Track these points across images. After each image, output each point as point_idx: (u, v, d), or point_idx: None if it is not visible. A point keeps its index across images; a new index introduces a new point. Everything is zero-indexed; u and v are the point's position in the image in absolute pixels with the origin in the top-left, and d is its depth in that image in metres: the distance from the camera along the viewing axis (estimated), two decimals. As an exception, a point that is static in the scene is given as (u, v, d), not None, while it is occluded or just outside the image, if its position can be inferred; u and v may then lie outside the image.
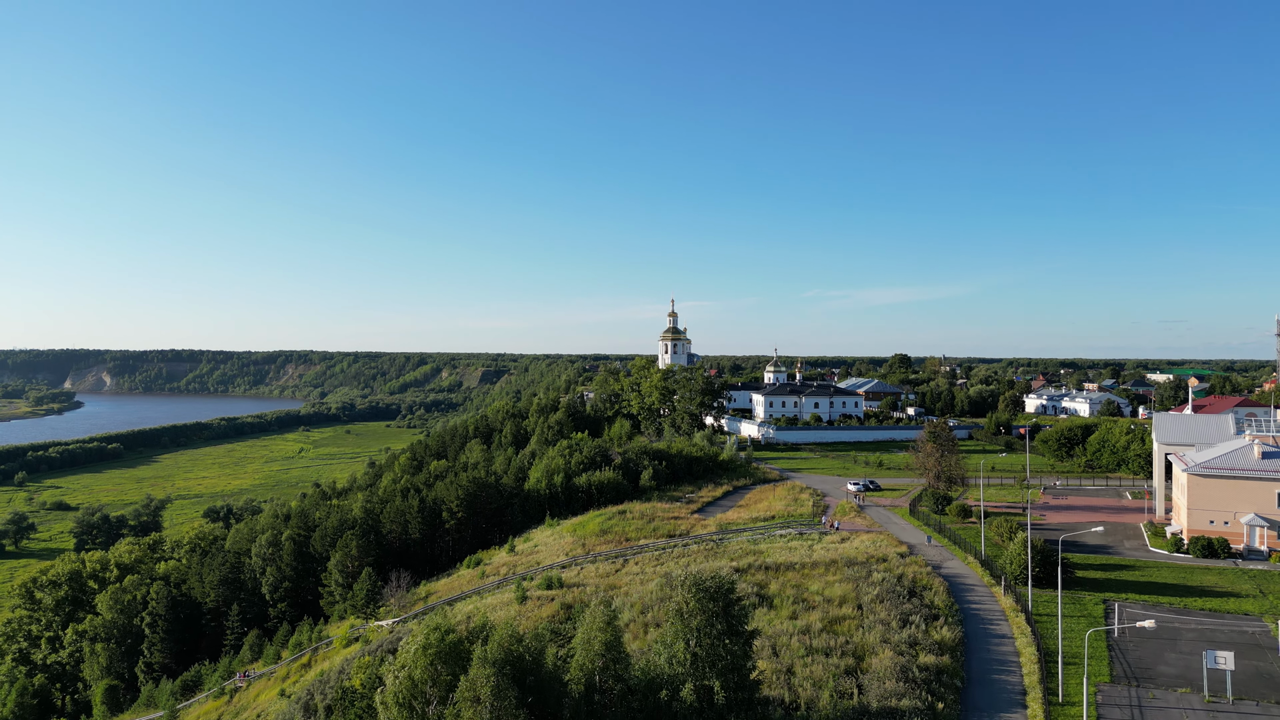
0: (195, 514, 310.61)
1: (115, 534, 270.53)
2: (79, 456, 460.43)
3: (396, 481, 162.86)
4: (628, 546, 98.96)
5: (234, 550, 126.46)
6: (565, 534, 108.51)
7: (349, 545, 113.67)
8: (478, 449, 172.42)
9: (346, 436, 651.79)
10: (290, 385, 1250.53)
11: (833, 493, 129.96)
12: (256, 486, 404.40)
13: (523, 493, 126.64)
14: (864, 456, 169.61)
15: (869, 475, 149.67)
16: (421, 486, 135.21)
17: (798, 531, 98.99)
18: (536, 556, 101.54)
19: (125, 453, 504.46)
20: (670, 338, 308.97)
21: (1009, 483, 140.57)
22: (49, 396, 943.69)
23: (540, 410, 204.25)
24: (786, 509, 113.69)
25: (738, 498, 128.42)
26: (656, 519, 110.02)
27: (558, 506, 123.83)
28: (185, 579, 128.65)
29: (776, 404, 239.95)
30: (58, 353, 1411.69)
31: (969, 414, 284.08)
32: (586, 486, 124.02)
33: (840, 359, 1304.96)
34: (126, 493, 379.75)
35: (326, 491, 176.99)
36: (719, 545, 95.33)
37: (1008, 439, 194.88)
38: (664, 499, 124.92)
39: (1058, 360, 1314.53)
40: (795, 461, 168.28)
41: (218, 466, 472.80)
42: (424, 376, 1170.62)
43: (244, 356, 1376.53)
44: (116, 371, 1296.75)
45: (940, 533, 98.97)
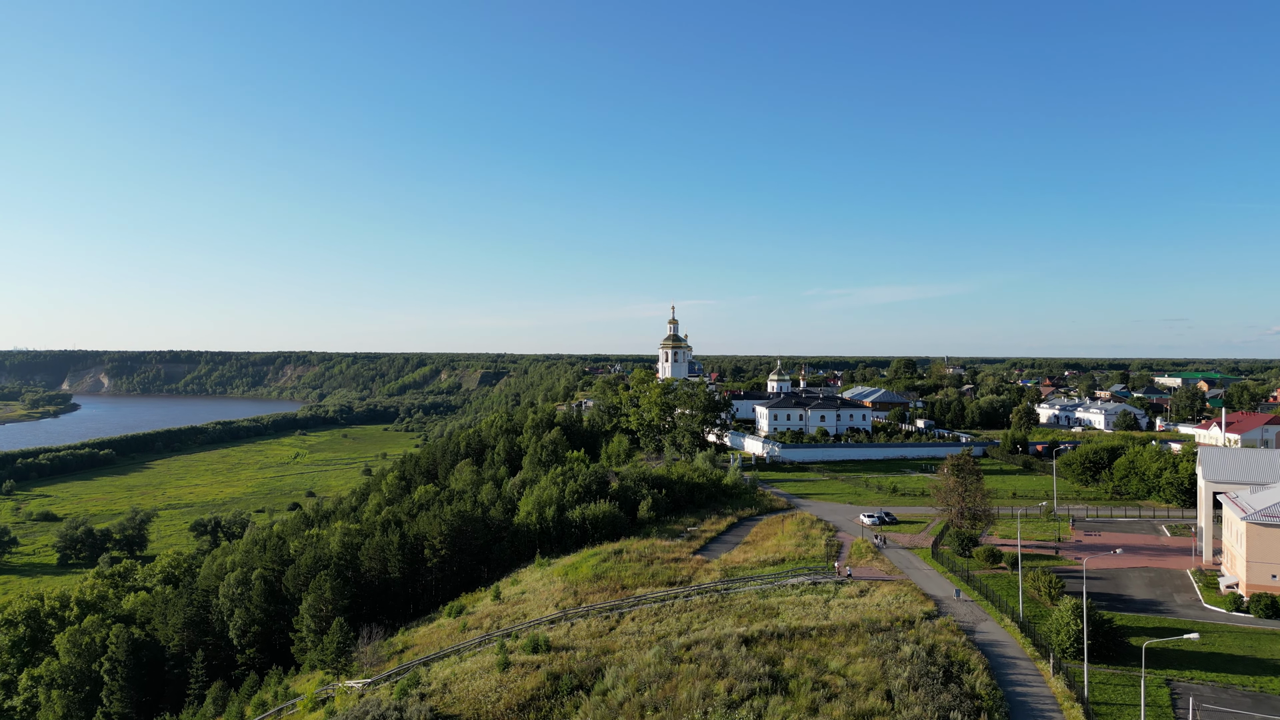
0: (183, 525, 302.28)
1: (100, 548, 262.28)
2: (70, 463, 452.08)
3: (380, 509, 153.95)
4: (624, 597, 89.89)
5: (201, 588, 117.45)
6: (556, 578, 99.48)
7: (322, 587, 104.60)
8: (468, 470, 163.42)
9: (343, 441, 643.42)
10: (289, 387, 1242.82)
11: (845, 526, 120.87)
12: (249, 495, 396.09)
13: (511, 527, 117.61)
14: (875, 480, 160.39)
15: (883, 503, 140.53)
16: (404, 518, 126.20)
17: (811, 580, 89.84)
18: (523, 606, 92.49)
19: (118, 458, 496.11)
20: (671, 345, 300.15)
21: (1033, 512, 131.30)
22: (45, 399, 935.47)
23: (535, 427, 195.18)
24: (797, 548, 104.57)
25: (743, 531, 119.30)
26: (655, 561, 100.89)
27: (549, 543, 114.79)
28: (150, 618, 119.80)
29: (781, 417, 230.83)
30: (56, 354, 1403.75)
31: (979, 425, 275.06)
32: (580, 521, 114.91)
33: (842, 360, 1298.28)
34: (116, 502, 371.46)
35: (309, 515, 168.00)
36: (724, 597, 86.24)
37: (1025, 458, 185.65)
38: (663, 534, 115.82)
39: (1061, 360, 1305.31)
40: (803, 485, 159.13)
41: (210, 473, 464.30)
42: (423, 378, 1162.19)
43: (242, 357, 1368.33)
44: (114, 373, 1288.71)
45: (968, 582, 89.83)
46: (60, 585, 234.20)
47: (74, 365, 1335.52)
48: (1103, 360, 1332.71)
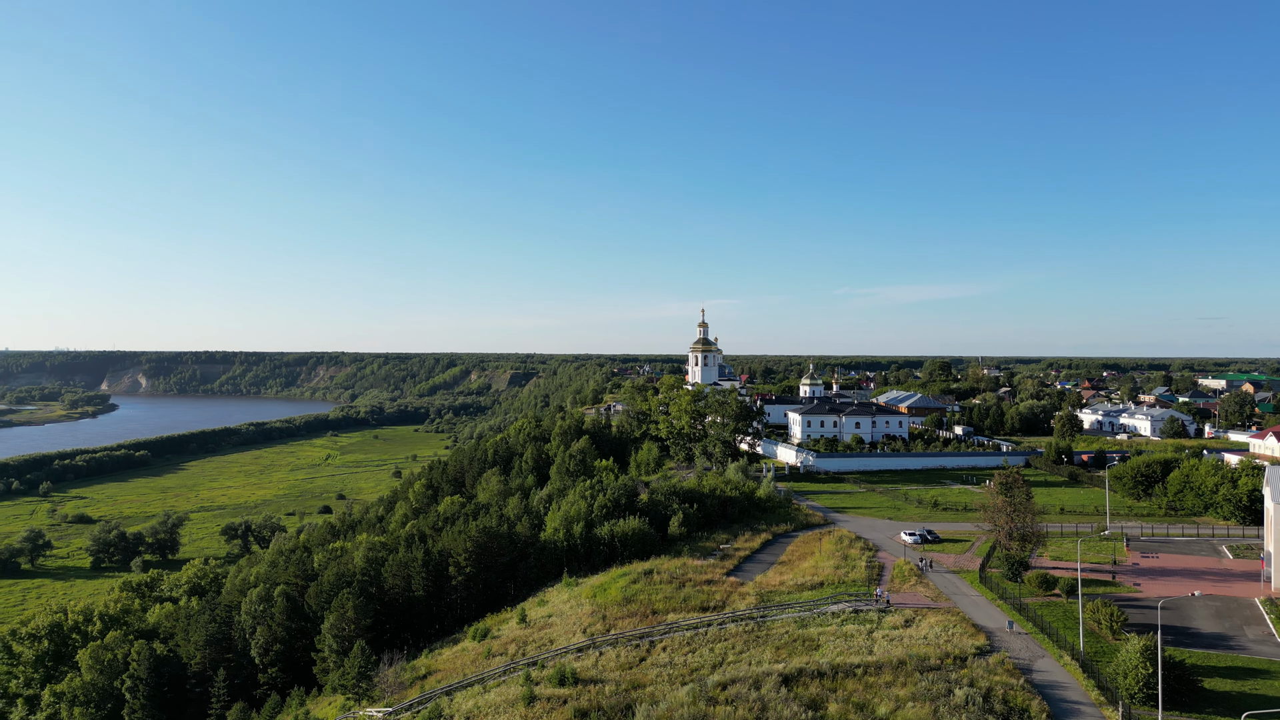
0: (215, 528, 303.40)
1: (132, 551, 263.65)
2: (106, 465, 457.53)
3: (406, 520, 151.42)
4: (654, 623, 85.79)
5: (224, 604, 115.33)
6: (584, 600, 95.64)
7: (345, 606, 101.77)
8: (495, 480, 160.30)
9: (374, 442, 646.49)
10: (321, 387, 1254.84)
11: (886, 545, 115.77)
12: (280, 497, 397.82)
13: (538, 543, 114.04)
14: (915, 493, 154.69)
15: (923, 519, 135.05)
16: (429, 532, 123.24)
17: (852, 608, 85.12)
18: (550, 631, 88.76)
19: (153, 460, 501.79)
20: (701, 349, 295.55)
21: (1084, 530, 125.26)
22: (84, 399, 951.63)
23: (563, 434, 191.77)
24: (836, 570, 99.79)
25: (778, 550, 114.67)
26: (687, 583, 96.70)
27: (577, 560, 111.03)
28: (174, 633, 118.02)
29: (815, 424, 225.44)
30: (95, 354, 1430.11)
31: (1019, 431, 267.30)
32: (609, 538, 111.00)
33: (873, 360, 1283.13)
34: (150, 504, 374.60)
35: (335, 525, 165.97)
36: (760, 626, 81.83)
37: (1071, 468, 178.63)
38: (695, 552, 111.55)
39: (1099, 361, 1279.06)
40: (839, 497, 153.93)
41: (243, 475, 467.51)
42: (453, 379, 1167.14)
43: (276, 358, 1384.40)
44: (152, 373, 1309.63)
45: (1021, 612, 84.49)
46: (92, 589, 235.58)
47: (113, 366, 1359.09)
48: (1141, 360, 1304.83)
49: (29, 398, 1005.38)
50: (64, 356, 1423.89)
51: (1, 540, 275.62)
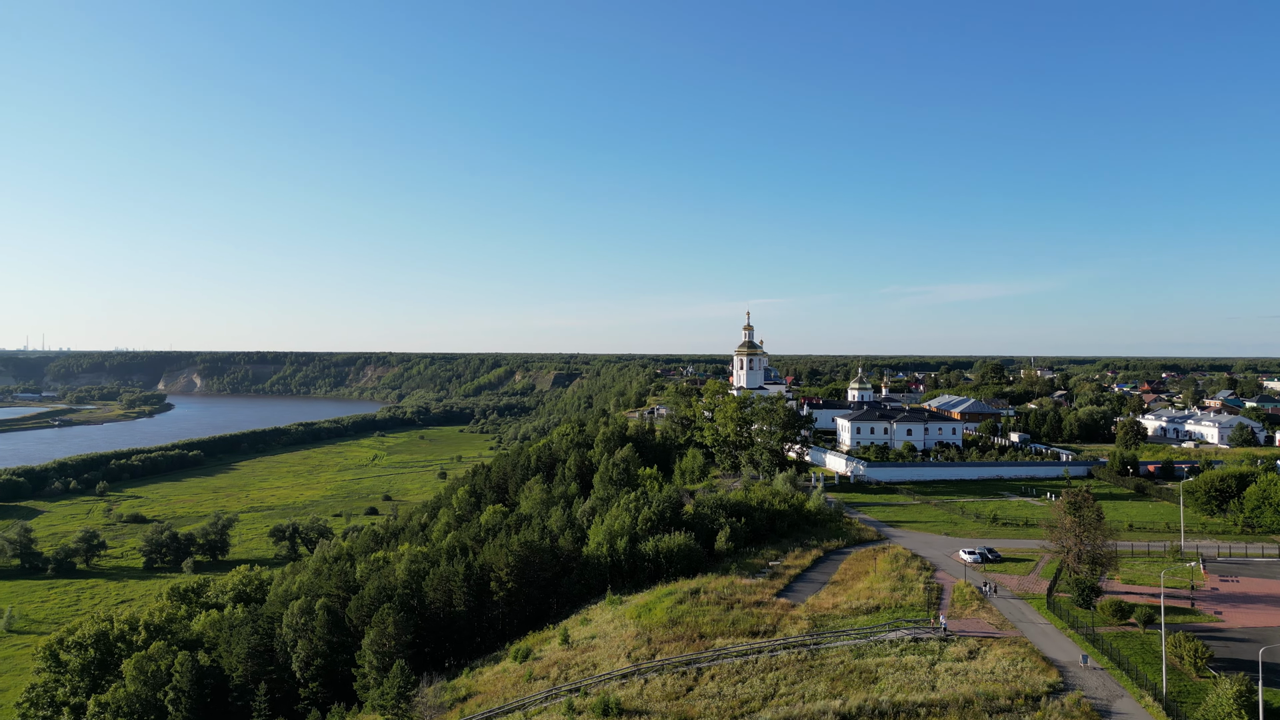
0: (264, 529, 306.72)
1: (184, 552, 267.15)
2: (160, 464, 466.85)
3: (448, 530, 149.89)
4: (702, 648, 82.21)
5: (266, 615, 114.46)
6: (628, 620, 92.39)
7: (385, 621, 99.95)
8: (537, 489, 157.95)
9: (420, 443, 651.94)
10: (369, 387, 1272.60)
11: (944, 563, 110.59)
12: (328, 498, 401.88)
13: (581, 558, 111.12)
14: (972, 506, 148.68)
15: (982, 535, 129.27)
16: (470, 544, 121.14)
17: (911, 636, 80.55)
18: (593, 654, 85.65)
19: (205, 459, 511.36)
20: (746, 352, 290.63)
21: (1156, 549, 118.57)
22: (141, 399, 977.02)
23: (606, 441, 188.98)
24: (892, 593, 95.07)
25: (830, 568, 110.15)
26: (735, 605, 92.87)
27: (620, 577, 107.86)
28: (217, 643, 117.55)
29: (864, 430, 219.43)
30: (152, 355, 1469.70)
31: (1078, 438, 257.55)
32: (654, 554, 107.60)
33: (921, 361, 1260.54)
34: (202, 504, 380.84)
35: (379, 533, 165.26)
36: (814, 655, 77.74)
37: (1137, 480, 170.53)
38: (743, 570, 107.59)
39: (1157, 361, 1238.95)
40: (891, 510, 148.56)
41: (292, 475, 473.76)
42: (497, 379, 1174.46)
43: (325, 358, 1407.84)
44: (206, 373, 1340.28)
45: (1094, 644, 79.11)
46: (144, 589, 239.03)
47: (169, 366, 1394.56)
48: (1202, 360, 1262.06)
49: (89, 397, 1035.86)
50: (123, 357, 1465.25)
51: (58, 540, 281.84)
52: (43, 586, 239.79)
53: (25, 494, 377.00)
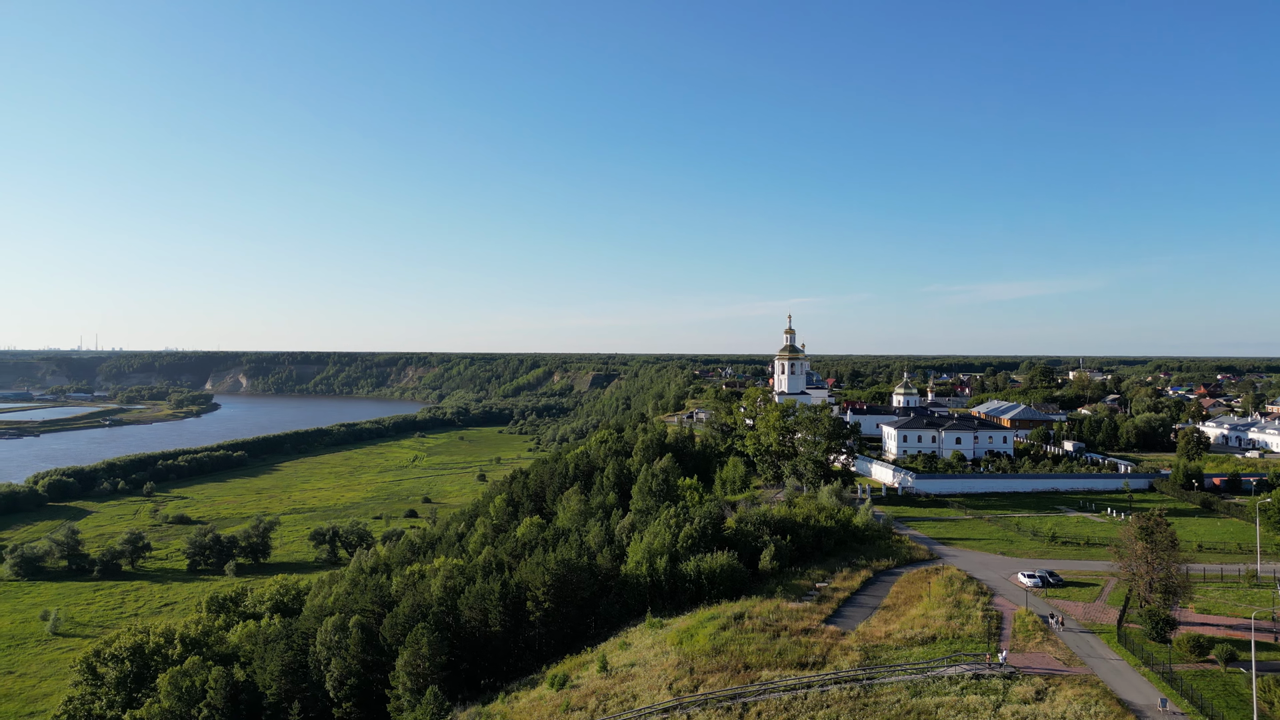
0: (305, 531, 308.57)
1: (226, 555, 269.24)
2: (206, 465, 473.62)
3: (485, 542, 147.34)
4: (747, 681, 78.00)
5: (301, 630, 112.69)
6: (669, 647, 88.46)
7: (419, 641, 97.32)
8: (575, 500, 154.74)
9: (459, 444, 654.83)
10: (410, 387, 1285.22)
11: (1002, 588, 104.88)
12: (368, 500, 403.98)
13: (620, 577, 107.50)
14: (1029, 522, 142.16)
15: (1040, 555, 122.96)
16: (507, 560, 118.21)
17: (972, 673, 75.46)
18: (633, 684, 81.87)
19: (249, 460, 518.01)
20: (788, 356, 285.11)
21: (1229, 572, 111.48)
22: (189, 399, 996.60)
23: (645, 449, 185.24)
24: (949, 621, 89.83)
25: (881, 590, 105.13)
26: (782, 633, 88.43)
27: (661, 598, 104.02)
28: (252, 657, 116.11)
29: (911, 438, 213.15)
30: (200, 355, 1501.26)
31: (1136, 447, 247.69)
32: (696, 575, 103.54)
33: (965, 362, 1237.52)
34: (245, 505, 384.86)
35: (415, 543, 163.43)
36: (867, 691, 73.08)
37: (1203, 495, 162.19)
38: (789, 592, 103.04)
39: (1210, 361, 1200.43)
40: (943, 526, 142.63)
41: (334, 476, 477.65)
42: (536, 380, 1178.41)
43: (367, 358, 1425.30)
44: (252, 373, 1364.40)
45: (1172, 684, 73.35)
46: (187, 591, 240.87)
47: (216, 366, 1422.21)
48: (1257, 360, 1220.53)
49: (139, 397, 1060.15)
50: (171, 357, 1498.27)
51: (106, 541, 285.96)
52: (89, 588, 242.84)
53: (75, 494, 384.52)
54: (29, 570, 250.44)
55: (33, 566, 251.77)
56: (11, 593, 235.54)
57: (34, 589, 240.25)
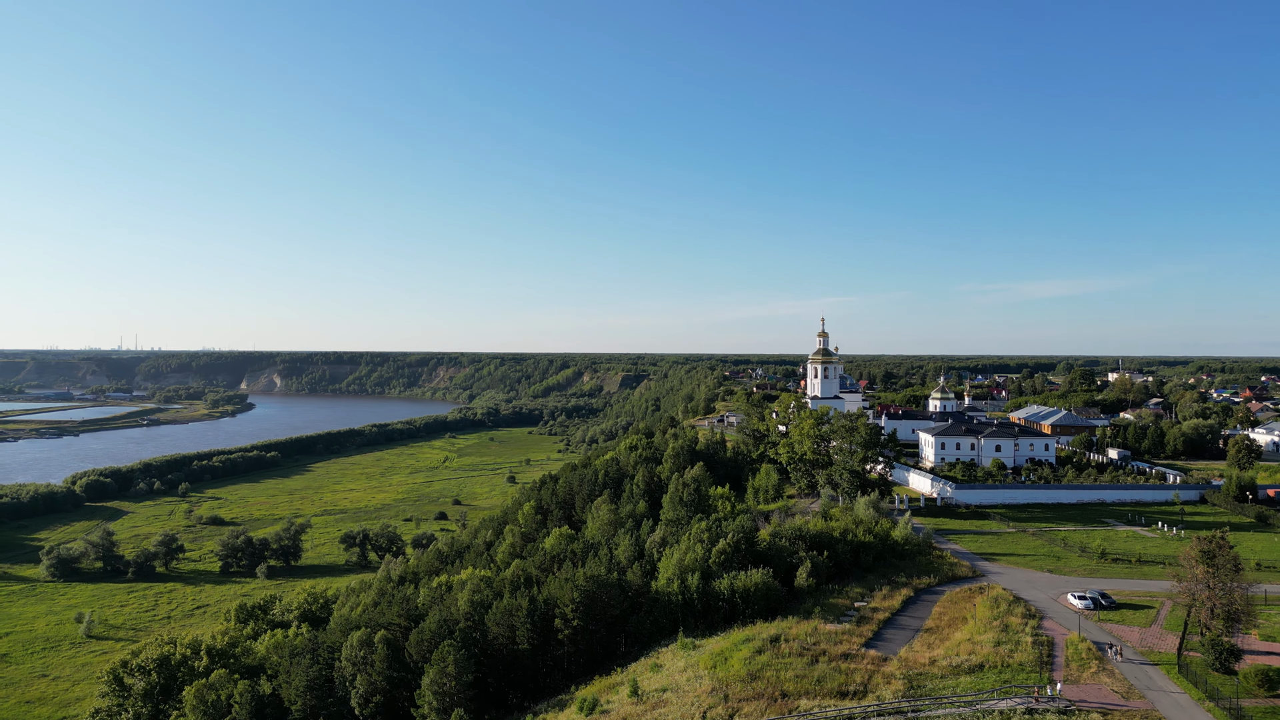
0: (336, 533, 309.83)
1: (259, 557, 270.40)
2: (239, 465, 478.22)
3: (514, 552, 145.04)
4: (784, 711, 74.47)
5: (326, 645, 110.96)
6: (702, 671, 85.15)
7: (446, 659, 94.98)
8: (605, 509, 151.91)
9: (490, 445, 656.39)
10: (441, 388, 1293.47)
11: (1050, 610, 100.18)
12: (399, 502, 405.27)
13: (650, 593, 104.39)
14: (1075, 537, 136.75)
15: (1090, 573, 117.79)
16: (535, 574, 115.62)
17: (1024, 707, 71.22)
18: (664, 711, 78.66)
19: (282, 460, 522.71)
20: (821, 360, 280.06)
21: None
22: (224, 399, 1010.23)
23: (675, 457, 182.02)
24: (996, 648, 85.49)
25: (923, 611, 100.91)
26: (821, 658, 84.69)
27: (693, 617, 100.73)
28: (278, 670, 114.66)
29: (949, 446, 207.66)
30: (236, 355, 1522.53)
31: (1183, 454, 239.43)
32: (729, 593, 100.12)
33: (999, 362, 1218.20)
34: (278, 506, 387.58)
35: (444, 552, 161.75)
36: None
37: (1258, 508, 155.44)
38: (827, 612, 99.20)
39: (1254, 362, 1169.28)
40: (985, 540, 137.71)
41: (365, 477, 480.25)
42: (566, 380, 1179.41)
43: (399, 358, 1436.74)
44: (285, 373, 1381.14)
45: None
46: (220, 594, 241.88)
47: (251, 366, 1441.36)
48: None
49: (176, 396, 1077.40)
50: (208, 357, 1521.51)
51: (141, 542, 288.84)
52: (123, 590, 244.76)
53: (112, 494, 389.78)
54: (65, 571, 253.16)
55: (68, 568, 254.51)
56: (47, 594, 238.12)
57: (69, 590, 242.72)
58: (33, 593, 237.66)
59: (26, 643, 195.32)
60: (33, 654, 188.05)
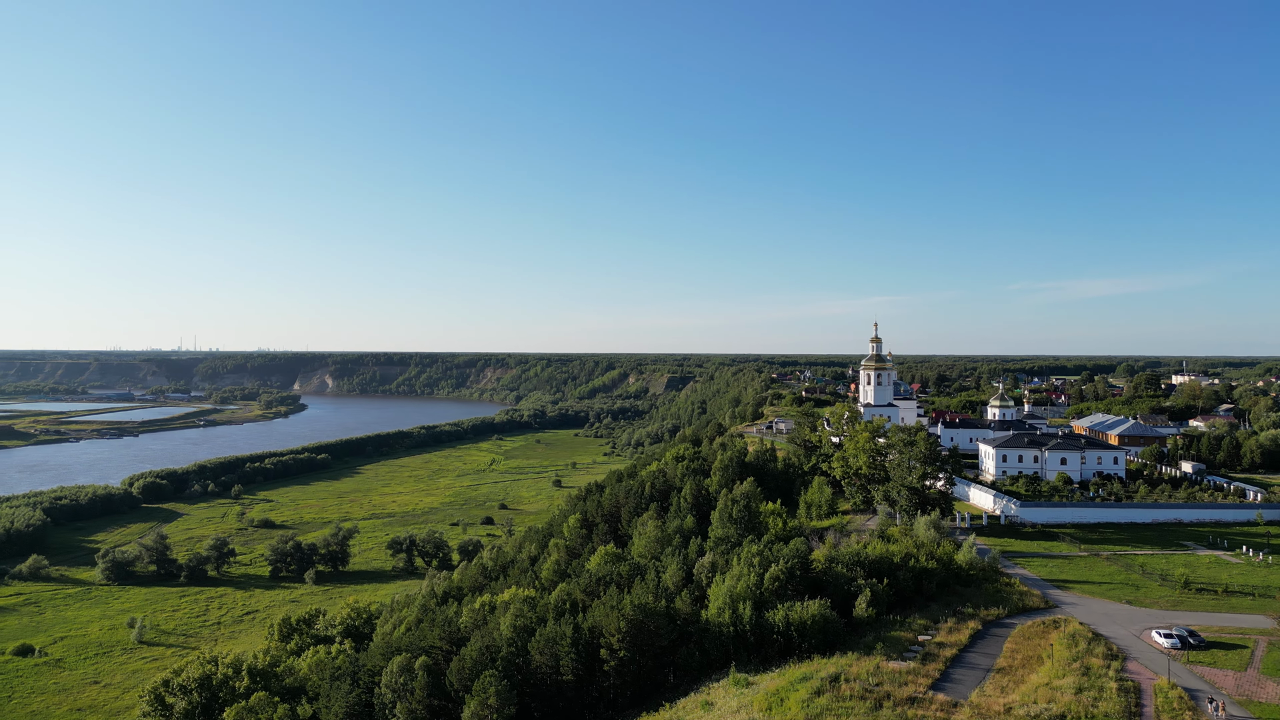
0: (384, 538, 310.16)
1: (307, 562, 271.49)
2: (291, 467, 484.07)
3: (558, 570, 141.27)
4: (847, 765, 68.97)
5: (367, 669, 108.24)
6: (757, 713, 79.93)
7: (487, 690, 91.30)
8: (651, 526, 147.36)
9: (536, 447, 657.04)
10: (488, 389, 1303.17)
11: (1133, 648, 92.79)
12: (446, 505, 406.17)
13: (699, 623, 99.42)
14: (1154, 562, 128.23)
15: (1172, 604, 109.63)
16: (580, 598, 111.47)
17: (1114, 769, 64.74)
18: (717, 759, 73.73)
19: (332, 462, 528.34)
20: (874, 366, 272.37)
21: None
22: (278, 400, 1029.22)
23: (724, 470, 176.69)
24: (1078, 695, 78.69)
25: (993, 647, 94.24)
26: (885, 701, 78.82)
27: (745, 650, 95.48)
28: (319, 693, 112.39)
29: (1011, 458, 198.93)
30: (289, 356, 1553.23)
31: (1261, 468, 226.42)
32: (784, 625, 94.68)
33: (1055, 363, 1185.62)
34: (327, 509, 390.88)
35: (488, 566, 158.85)
36: (990, 788, 63.22)
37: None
38: (889, 647, 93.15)
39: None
40: (1054, 564, 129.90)
41: (413, 480, 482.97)
42: (611, 382, 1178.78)
43: (448, 359, 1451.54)
44: (337, 374, 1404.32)
45: (1368, 797, 61.30)
46: (269, 599, 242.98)
47: (304, 367, 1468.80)
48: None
49: (232, 397, 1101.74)
50: (263, 358, 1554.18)
51: (194, 545, 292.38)
52: (175, 594, 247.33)
53: (167, 496, 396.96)
54: (119, 575, 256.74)
55: (123, 571, 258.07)
56: (102, 597, 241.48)
57: (124, 594, 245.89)
58: (88, 596, 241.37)
59: (80, 647, 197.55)
60: (85, 659, 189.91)
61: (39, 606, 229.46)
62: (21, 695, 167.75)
